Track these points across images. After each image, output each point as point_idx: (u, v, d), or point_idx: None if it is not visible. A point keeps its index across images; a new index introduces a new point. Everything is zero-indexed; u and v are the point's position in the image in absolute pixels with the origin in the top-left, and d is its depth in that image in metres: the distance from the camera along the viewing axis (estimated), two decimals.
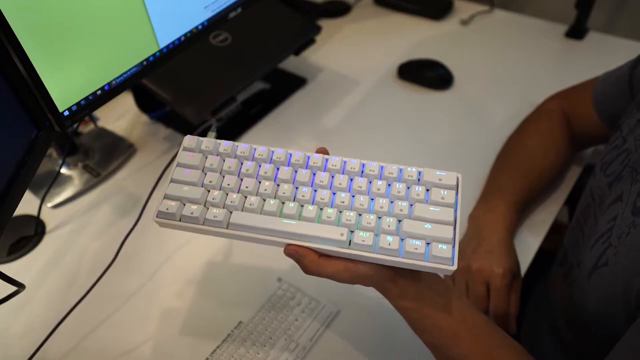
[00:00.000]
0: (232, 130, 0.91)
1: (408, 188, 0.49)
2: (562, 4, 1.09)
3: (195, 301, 0.66)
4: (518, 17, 1.16)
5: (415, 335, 0.49)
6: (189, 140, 0.52)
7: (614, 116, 0.67)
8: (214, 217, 0.47)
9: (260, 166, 0.51)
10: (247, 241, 0.48)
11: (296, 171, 0.50)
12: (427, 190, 0.48)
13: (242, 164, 0.51)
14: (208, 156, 0.51)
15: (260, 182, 0.49)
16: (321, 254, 0.46)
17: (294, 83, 1.00)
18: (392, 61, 1.03)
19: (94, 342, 0.62)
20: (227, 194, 0.49)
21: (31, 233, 0.75)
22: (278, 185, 0.49)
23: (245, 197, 0.49)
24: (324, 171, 0.50)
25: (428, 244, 0.45)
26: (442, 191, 0.48)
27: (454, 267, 0.44)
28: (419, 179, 0.49)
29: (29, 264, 0.72)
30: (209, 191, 0.49)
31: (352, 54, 1.08)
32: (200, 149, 0.52)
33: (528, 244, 0.70)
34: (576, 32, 1.06)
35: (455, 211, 0.47)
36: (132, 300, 0.67)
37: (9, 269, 0.71)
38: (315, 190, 0.49)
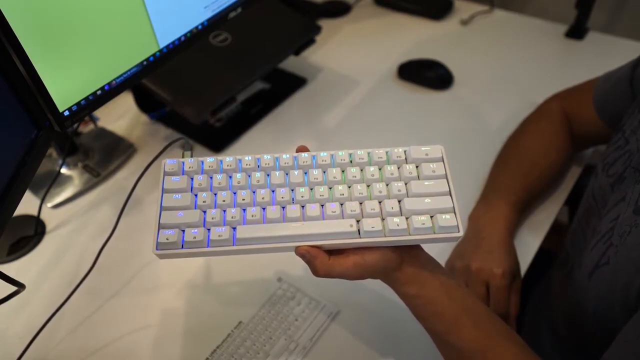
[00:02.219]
0: (232, 130, 0.91)
1: (399, 168, 0.50)
2: (562, 4, 1.09)
3: (195, 301, 0.66)
4: (518, 17, 1.16)
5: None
6: (169, 164, 0.50)
7: (615, 116, 0.67)
8: (219, 236, 0.46)
9: (250, 176, 0.50)
10: (257, 253, 0.47)
11: (287, 173, 0.50)
12: (417, 166, 0.50)
13: (231, 177, 0.50)
14: (194, 176, 0.50)
15: (254, 192, 0.49)
16: (330, 254, 0.46)
17: (294, 83, 1.00)
18: (392, 61, 1.03)
19: (93, 341, 0.62)
20: (224, 211, 0.48)
21: (31, 233, 0.75)
22: (273, 190, 0.49)
23: (244, 209, 0.48)
24: (315, 168, 0.50)
25: (432, 217, 0.46)
26: (431, 165, 0.49)
27: (461, 234, 0.46)
28: (406, 158, 0.50)
29: (29, 264, 0.72)
30: (205, 212, 0.47)
31: (352, 54, 1.08)
32: (184, 171, 0.50)
33: (528, 244, 0.70)
34: (576, 32, 1.06)
35: (448, 181, 0.49)
36: (131, 300, 0.67)
37: (9, 269, 0.71)
38: (312, 189, 0.49)
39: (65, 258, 0.72)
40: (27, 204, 0.78)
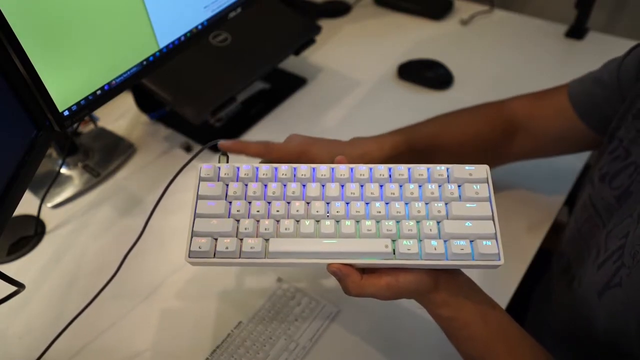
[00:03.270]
0: (232, 130, 0.91)
1: (440, 187, 0.48)
2: (562, 4, 1.09)
3: (195, 301, 0.66)
4: (518, 17, 1.16)
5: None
6: (205, 169, 0.49)
7: (600, 118, 0.63)
8: (251, 248, 0.45)
9: (285, 186, 0.48)
10: (287, 267, 0.46)
11: (324, 186, 0.48)
12: (459, 186, 0.48)
13: (266, 186, 0.49)
14: (229, 183, 0.49)
15: (289, 203, 0.47)
16: (363, 273, 0.45)
17: (294, 83, 1.00)
18: (392, 61, 1.03)
19: (93, 342, 0.62)
20: (258, 221, 0.47)
21: (31, 233, 0.75)
22: (308, 203, 0.48)
23: (278, 221, 0.47)
24: (352, 182, 0.49)
25: (472, 242, 0.45)
26: (474, 186, 0.47)
27: (501, 262, 0.44)
28: (448, 177, 0.48)
29: (29, 264, 0.72)
30: (238, 221, 0.47)
31: (352, 54, 1.08)
32: (219, 177, 0.49)
33: (528, 244, 0.70)
34: (576, 32, 1.06)
35: (491, 204, 0.47)
36: (131, 300, 0.67)
37: (9, 269, 0.71)
38: (348, 203, 0.47)
39: (65, 258, 0.72)
40: (27, 204, 0.78)
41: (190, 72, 0.87)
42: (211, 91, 0.85)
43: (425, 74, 0.98)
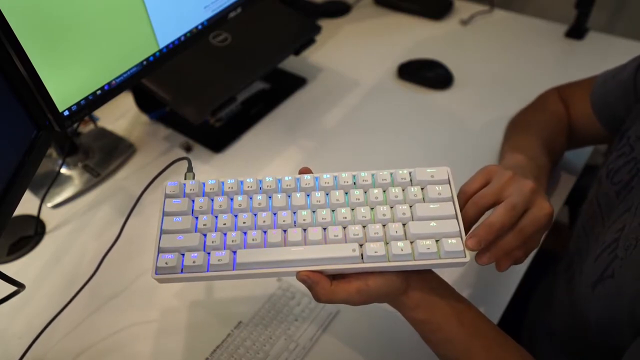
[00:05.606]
0: (232, 130, 0.91)
1: (403, 190, 0.49)
2: (562, 4, 1.09)
3: (195, 301, 0.66)
4: (518, 17, 1.16)
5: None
6: (170, 186, 0.50)
7: (613, 118, 0.65)
8: (219, 261, 0.45)
9: (252, 198, 0.49)
10: (258, 278, 0.46)
11: (289, 196, 0.49)
12: (422, 189, 0.49)
13: (232, 199, 0.49)
14: (195, 199, 0.49)
15: (256, 215, 0.48)
16: (333, 279, 0.45)
17: (294, 83, 1.00)
18: (392, 61, 1.03)
19: (93, 341, 0.62)
20: (224, 234, 0.47)
21: (31, 233, 0.75)
22: (275, 213, 0.48)
23: (245, 232, 0.47)
24: (318, 190, 0.49)
25: (437, 241, 0.45)
26: (437, 187, 0.48)
27: (467, 259, 0.45)
28: (411, 180, 0.49)
29: (29, 264, 0.72)
30: (205, 235, 0.47)
31: (352, 54, 1.08)
32: (185, 193, 0.50)
33: None
34: (576, 32, 1.06)
35: (454, 204, 0.48)
36: (131, 300, 0.67)
37: (9, 269, 0.71)
38: (314, 212, 0.48)
39: (65, 258, 0.72)
40: (27, 204, 0.78)
41: (190, 72, 0.87)
42: (211, 91, 0.85)
43: (425, 74, 0.98)
